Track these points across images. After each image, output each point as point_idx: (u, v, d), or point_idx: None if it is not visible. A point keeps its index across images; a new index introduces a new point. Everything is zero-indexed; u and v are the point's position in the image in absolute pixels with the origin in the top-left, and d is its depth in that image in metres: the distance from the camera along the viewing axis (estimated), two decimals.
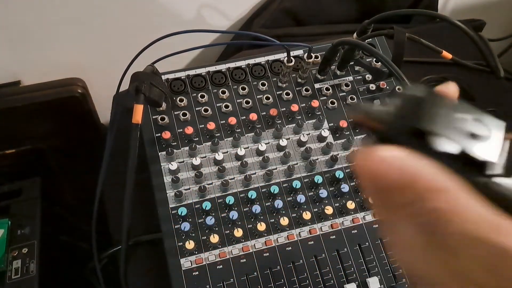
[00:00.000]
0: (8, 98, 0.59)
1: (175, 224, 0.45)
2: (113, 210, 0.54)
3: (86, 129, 0.68)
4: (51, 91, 0.60)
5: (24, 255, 0.49)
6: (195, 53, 0.75)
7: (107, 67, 0.63)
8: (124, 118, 0.46)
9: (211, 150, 0.49)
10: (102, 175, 0.48)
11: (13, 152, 0.64)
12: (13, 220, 0.52)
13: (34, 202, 0.54)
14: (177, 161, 0.48)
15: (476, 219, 0.16)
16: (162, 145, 0.48)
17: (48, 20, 0.58)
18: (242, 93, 0.51)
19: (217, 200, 0.47)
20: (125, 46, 0.56)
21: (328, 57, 0.51)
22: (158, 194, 0.46)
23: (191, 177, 0.47)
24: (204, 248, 0.45)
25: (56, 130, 0.65)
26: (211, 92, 0.51)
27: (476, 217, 0.17)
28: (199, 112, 0.50)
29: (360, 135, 0.51)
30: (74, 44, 0.63)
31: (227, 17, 0.73)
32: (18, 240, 0.50)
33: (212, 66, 0.53)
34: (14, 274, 0.48)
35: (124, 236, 0.44)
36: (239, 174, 0.48)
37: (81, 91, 0.62)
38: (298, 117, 0.51)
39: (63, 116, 0.64)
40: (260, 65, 0.53)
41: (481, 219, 0.16)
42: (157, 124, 0.49)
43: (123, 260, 0.45)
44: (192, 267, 0.44)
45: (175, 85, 0.51)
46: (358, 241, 0.47)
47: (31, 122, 0.62)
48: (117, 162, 0.47)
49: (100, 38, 0.64)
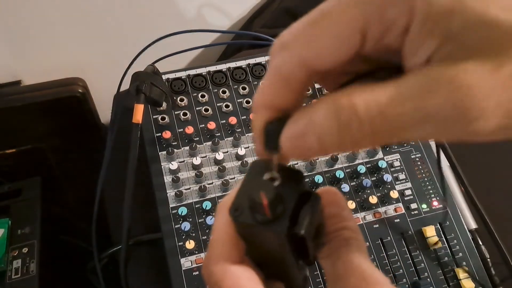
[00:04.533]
0: (9, 98, 0.59)
1: (175, 224, 0.45)
2: (113, 209, 0.54)
3: (87, 129, 0.68)
4: (51, 90, 0.60)
5: (24, 254, 0.49)
6: (195, 53, 0.75)
7: (108, 67, 0.63)
8: (125, 118, 0.46)
9: (211, 150, 0.49)
10: (102, 174, 0.48)
11: (13, 151, 0.64)
12: (13, 220, 0.52)
13: (34, 202, 0.54)
14: (177, 160, 0.48)
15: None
16: (163, 144, 0.48)
17: (49, 20, 0.58)
18: (242, 92, 0.51)
19: (218, 199, 0.47)
20: (126, 46, 0.56)
21: None
22: (158, 194, 0.46)
23: (192, 177, 0.47)
24: (205, 248, 0.45)
25: (56, 130, 0.65)
26: (211, 92, 0.51)
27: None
28: (199, 112, 0.50)
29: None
30: (74, 44, 0.63)
31: (227, 17, 0.73)
32: (18, 239, 0.50)
33: (213, 66, 0.53)
34: (14, 274, 0.48)
35: (124, 235, 0.44)
36: (240, 174, 0.48)
37: (82, 91, 0.61)
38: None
39: (64, 116, 0.64)
40: (261, 65, 0.53)
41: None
42: (157, 123, 0.49)
43: (123, 260, 0.44)
44: (192, 267, 0.44)
45: (175, 84, 0.51)
46: None
47: (31, 121, 0.62)
48: (118, 162, 0.47)
49: (100, 38, 0.64)
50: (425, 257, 0.47)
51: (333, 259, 0.20)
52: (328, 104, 0.15)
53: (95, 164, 0.49)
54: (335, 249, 0.20)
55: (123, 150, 0.44)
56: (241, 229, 0.20)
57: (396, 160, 0.51)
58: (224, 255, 0.20)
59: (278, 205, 0.18)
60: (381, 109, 0.14)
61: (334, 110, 0.15)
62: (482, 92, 0.13)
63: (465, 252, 0.48)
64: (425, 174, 0.51)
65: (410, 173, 0.51)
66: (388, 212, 0.49)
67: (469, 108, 0.13)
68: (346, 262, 0.19)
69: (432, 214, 0.49)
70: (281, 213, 0.18)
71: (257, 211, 0.18)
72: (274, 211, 0.18)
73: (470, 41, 0.13)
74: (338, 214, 0.21)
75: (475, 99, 0.13)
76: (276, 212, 0.18)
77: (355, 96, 0.15)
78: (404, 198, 0.49)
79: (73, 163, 0.70)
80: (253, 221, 0.18)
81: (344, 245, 0.20)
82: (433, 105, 0.14)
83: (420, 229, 0.48)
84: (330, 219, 0.21)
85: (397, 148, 0.52)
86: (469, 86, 0.13)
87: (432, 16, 0.13)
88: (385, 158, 0.51)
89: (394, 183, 0.50)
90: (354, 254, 0.19)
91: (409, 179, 0.50)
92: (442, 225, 0.49)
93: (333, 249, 0.20)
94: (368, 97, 0.14)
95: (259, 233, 0.19)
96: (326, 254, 0.20)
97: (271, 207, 0.17)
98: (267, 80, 0.17)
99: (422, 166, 0.51)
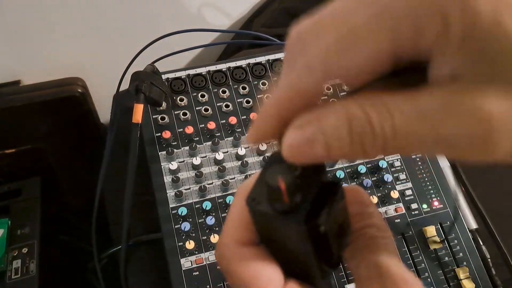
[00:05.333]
0: (8, 98, 0.59)
1: (175, 224, 0.45)
2: (113, 209, 0.53)
3: (86, 129, 0.68)
4: (51, 90, 0.60)
5: (24, 255, 0.49)
6: (195, 53, 0.75)
7: (107, 67, 0.63)
8: (124, 117, 0.46)
9: (211, 150, 0.49)
10: (102, 174, 0.48)
11: (13, 151, 0.64)
12: (13, 220, 0.52)
13: (34, 201, 0.54)
14: (177, 160, 0.47)
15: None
16: (162, 144, 0.48)
17: (48, 19, 0.58)
18: (242, 92, 0.51)
19: (218, 200, 0.47)
20: (125, 45, 0.56)
21: None
22: (158, 194, 0.46)
23: (191, 177, 0.47)
24: (205, 248, 0.45)
25: (56, 129, 0.65)
26: (211, 92, 0.51)
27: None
28: (199, 112, 0.50)
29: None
30: (74, 43, 0.63)
31: (227, 17, 0.72)
32: (18, 239, 0.50)
33: (213, 66, 0.53)
34: (14, 274, 0.48)
35: (124, 235, 0.44)
36: (240, 174, 0.48)
37: (81, 91, 0.61)
38: None
39: (63, 115, 0.64)
40: (261, 64, 0.53)
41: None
42: (157, 123, 0.49)
43: (123, 260, 0.44)
44: (192, 267, 0.44)
45: (175, 84, 0.51)
46: None
47: (31, 121, 0.62)
48: (117, 162, 0.47)
49: (100, 38, 0.64)
50: (425, 257, 0.47)
51: (358, 260, 0.19)
52: (340, 112, 0.15)
53: (95, 164, 0.49)
54: (360, 249, 0.19)
55: (123, 150, 0.44)
56: (258, 221, 0.19)
57: (397, 160, 0.51)
58: (235, 236, 0.20)
59: (297, 192, 0.17)
60: (396, 126, 0.14)
61: (346, 119, 0.14)
62: (507, 125, 0.13)
63: (465, 252, 0.47)
64: (425, 174, 0.51)
65: (411, 173, 0.50)
66: (389, 212, 0.48)
67: (489, 140, 0.13)
68: (370, 264, 0.18)
69: (432, 214, 0.49)
70: (300, 203, 0.17)
71: (275, 199, 0.17)
72: (292, 198, 0.17)
73: (506, 68, 0.13)
74: (362, 211, 0.20)
75: (498, 132, 0.13)
76: (294, 201, 0.17)
77: (371, 108, 0.14)
78: (404, 198, 0.49)
79: (72, 163, 0.70)
80: (271, 211, 0.17)
81: (369, 245, 0.19)
82: (451, 131, 0.13)
83: (421, 229, 0.48)
84: (353, 217, 0.20)
85: None
86: (494, 119, 0.13)
87: (471, 33, 0.13)
88: (385, 158, 0.51)
89: (394, 183, 0.50)
90: (380, 255, 0.19)
91: (410, 179, 0.50)
92: (443, 225, 0.48)
93: (358, 249, 0.19)
94: (383, 110, 0.14)
95: (277, 225, 0.18)
96: (350, 255, 0.19)
97: (289, 192, 0.16)
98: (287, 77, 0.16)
99: (422, 166, 0.51)
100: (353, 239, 0.20)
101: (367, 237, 0.19)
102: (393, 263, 0.18)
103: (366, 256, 0.19)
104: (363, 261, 0.19)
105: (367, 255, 0.19)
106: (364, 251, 0.19)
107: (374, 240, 0.19)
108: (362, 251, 0.19)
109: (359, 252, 0.19)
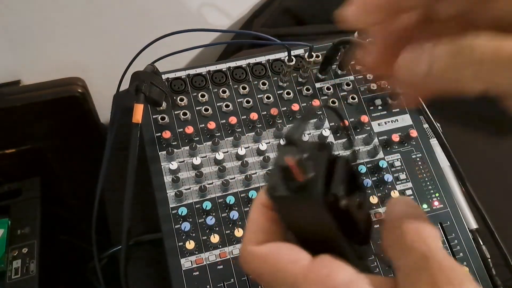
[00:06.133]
0: (8, 98, 0.59)
1: (175, 224, 0.45)
2: (113, 209, 0.54)
3: (86, 129, 0.68)
4: (51, 90, 0.60)
5: (24, 255, 0.49)
6: (195, 53, 0.75)
7: (107, 67, 0.63)
8: (124, 117, 0.46)
9: (211, 150, 0.49)
10: (102, 174, 0.48)
11: (13, 151, 0.64)
12: (13, 220, 0.52)
13: (34, 201, 0.54)
14: (177, 160, 0.47)
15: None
16: (163, 144, 0.48)
17: (48, 19, 0.58)
18: (242, 92, 0.51)
19: (218, 200, 0.47)
20: (125, 45, 0.56)
21: (329, 56, 0.51)
22: (158, 194, 0.46)
23: (192, 177, 0.47)
24: (205, 248, 0.45)
25: (56, 129, 0.65)
26: (211, 92, 0.51)
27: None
28: (199, 112, 0.50)
29: (361, 134, 0.51)
30: (74, 43, 0.63)
31: (227, 16, 0.72)
32: (18, 240, 0.50)
33: (213, 66, 0.53)
34: (14, 274, 0.48)
35: (124, 235, 0.44)
36: (240, 174, 0.48)
37: (81, 91, 0.61)
38: (299, 116, 0.51)
39: (63, 115, 0.64)
40: (261, 64, 0.53)
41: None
42: (157, 123, 0.49)
43: (123, 260, 0.44)
44: (193, 267, 0.44)
45: (175, 84, 0.51)
46: None
47: (31, 121, 0.62)
48: (117, 162, 0.47)
49: (100, 38, 0.64)
50: None
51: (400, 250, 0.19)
52: (451, 41, 0.17)
53: (95, 164, 0.49)
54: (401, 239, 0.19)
55: (123, 150, 0.44)
56: (281, 208, 0.20)
57: (397, 160, 0.51)
58: (254, 240, 0.21)
59: (307, 169, 0.18)
60: (499, 51, 0.16)
61: (455, 45, 0.16)
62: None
63: (465, 252, 0.47)
64: (425, 174, 0.51)
65: (411, 173, 0.50)
66: None
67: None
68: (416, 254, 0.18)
69: (432, 214, 0.49)
70: (313, 178, 0.18)
71: (288, 179, 0.18)
72: (304, 174, 0.18)
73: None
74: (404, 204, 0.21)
75: None
76: (307, 177, 0.18)
77: (481, 38, 0.16)
78: None
79: (72, 163, 0.70)
80: (288, 192, 0.18)
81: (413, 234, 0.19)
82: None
83: None
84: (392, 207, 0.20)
85: (398, 148, 0.51)
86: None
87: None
88: (385, 158, 0.51)
89: (394, 183, 0.50)
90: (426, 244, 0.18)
91: (410, 179, 0.50)
92: (443, 225, 0.48)
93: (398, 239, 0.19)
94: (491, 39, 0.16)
95: (298, 206, 0.19)
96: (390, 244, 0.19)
97: (300, 169, 0.17)
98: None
99: (423, 166, 0.51)
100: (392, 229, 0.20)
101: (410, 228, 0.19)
102: (441, 253, 0.18)
103: (410, 246, 0.19)
104: (406, 251, 0.19)
105: (410, 244, 0.19)
106: (407, 240, 0.19)
107: (418, 229, 0.19)
108: (404, 240, 0.19)
109: (401, 242, 0.19)
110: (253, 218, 0.22)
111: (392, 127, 0.52)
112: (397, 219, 0.20)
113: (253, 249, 0.21)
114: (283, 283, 0.19)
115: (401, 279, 0.18)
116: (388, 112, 0.53)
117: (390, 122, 0.52)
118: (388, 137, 0.51)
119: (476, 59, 0.16)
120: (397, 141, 0.51)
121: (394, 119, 0.53)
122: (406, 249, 0.19)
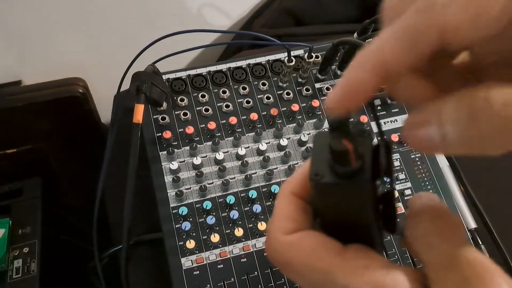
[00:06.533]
0: (9, 98, 0.59)
1: (175, 224, 0.45)
2: (114, 209, 0.54)
3: (87, 129, 0.68)
4: (52, 90, 0.60)
5: (25, 254, 0.49)
6: (195, 53, 0.75)
7: (108, 67, 0.63)
8: (125, 117, 0.46)
9: (211, 150, 0.49)
10: (103, 174, 0.48)
11: (14, 151, 0.64)
12: (14, 220, 0.52)
13: (35, 201, 0.54)
14: (177, 160, 0.48)
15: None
16: (163, 144, 0.48)
17: (49, 19, 0.58)
18: (242, 92, 0.51)
19: (218, 199, 0.47)
20: (126, 45, 0.56)
21: (329, 57, 0.51)
22: (159, 194, 0.47)
23: (192, 177, 0.47)
24: (205, 248, 0.45)
25: (57, 130, 0.65)
26: (211, 92, 0.52)
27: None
28: (199, 112, 0.50)
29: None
30: (75, 43, 0.63)
31: (227, 17, 0.73)
32: (19, 239, 0.50)
33: (213, 66, 0.53)
34: (15, 274, 0.48)
35: (125, 235, 0.44)
36: (240, 174, 0.48)
37: (82, 91, 0.62)
38: (299, 116, 0.51)
39: (64, 116, 0.64)
40: (261, 65, 0.54)
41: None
42: (157, 123, 0.49)
43: (124, 260, 0.45)
44: (193, 266, 0.44)
45: (175, 84, 0.51)
46: None
47: (31, 121, 0.62)
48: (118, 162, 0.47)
49: (101, 38, 0.65)
50: None
51: (428, 246, 0.19)
52: (460, 95, 0.15)
53: (96, 164, 0.49)
54: (430, 234, 0.19)
55: (123, 150, 0.44)
56: (321, 194, 0.19)
57: (396, 160, 0.51)
58: (281, 229, 0.21)
59: (359, 156, 0.17)
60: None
61: (466, 100, 0.15)
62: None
63: None
64: (424, 174, 0.51)
65: (410, 172, 0.51)
66: None
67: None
68: (446, 252, 0.18)
69: None
70: (361, 164, 0.18)
71: (341, 163, 0.17)
72: (357, 160, 0.17)
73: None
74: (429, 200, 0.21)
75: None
76: (359, 163, 0.17)
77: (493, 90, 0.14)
78: (404, 197, 0.50)
79: (73, 163, 0.70)
80: (337, 179, 0.18)
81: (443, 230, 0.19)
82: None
83: None
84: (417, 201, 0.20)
85: (397, 148, 0.52)
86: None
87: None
88: None
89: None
90: (455, 242, 0.18)
91: (409, 179, 0.50)
92: None
93: (426, 234, 0.19)
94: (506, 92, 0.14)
95: (342, 193, 0.18)
96: (416, 238, 0.19)
97: (356, 152, 0.17)
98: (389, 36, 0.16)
99: (421, 166, 0.51)
100: (417, 224, 0.19)
101: (436, 223, 0.19)
102: (468, 248, 0.18)
103: (436, 241, 0.18)
104: (433, 247, 0.18)
105: (437, 239, 0.18)
106: (433, 236, 0.19)
107: (444, 224, 0.19)
108: (430, 236, 0.19)
109: (427, 237, 0.19)
110: (282, 207, 0.21)
111: (391, 127, 0.53)
112: (422, 214, 0.20)
113: (284, 238, 0.20)
114: (317, 272, 0.19)
115: (430, 274, 0.18)
116: (387, 112, 0.53)
117: (389, 122, 0.53)
118: (387, 137, 0.51)
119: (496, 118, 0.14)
120: (396, 141, 0.51)
121: (393, 119, 0.53)
122: (433, 244, 0.18)
